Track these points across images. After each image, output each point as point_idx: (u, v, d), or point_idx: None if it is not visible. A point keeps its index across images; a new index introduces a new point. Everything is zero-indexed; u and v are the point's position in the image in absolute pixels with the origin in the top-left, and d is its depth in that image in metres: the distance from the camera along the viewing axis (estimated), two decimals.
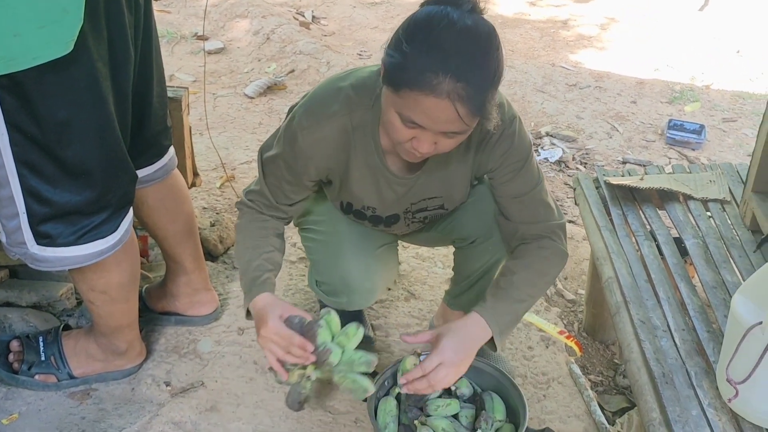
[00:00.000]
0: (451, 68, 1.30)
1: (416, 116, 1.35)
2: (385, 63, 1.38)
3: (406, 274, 2.44)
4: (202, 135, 3.17)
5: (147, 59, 1.72)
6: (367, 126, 1.56)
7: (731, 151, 3.70)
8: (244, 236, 1.69)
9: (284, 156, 1.61)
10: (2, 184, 1.52)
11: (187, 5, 4.98)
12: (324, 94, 1.58)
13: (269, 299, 1.59)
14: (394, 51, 1.36)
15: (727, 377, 1.46)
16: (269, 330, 1.52)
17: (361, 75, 1.58)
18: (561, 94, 4.15)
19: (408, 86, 1.33)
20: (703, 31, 5.16)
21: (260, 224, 1.68)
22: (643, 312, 1.78)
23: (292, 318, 1.55)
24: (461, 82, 1.30)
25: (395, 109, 1.38)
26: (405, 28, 1.37)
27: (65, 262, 1.63)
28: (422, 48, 1.32)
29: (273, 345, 1.53)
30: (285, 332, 1.52)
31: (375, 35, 4.89)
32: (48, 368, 1.89)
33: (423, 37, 1.32)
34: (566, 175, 3.39)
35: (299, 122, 1.56)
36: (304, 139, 1.56)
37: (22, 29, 1.32)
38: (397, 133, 1.41)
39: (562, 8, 5.53)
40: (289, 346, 1.51)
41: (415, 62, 1.32)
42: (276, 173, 1.64)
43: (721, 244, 2.02)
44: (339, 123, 1.55)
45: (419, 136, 1.40)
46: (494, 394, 1.73)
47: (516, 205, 1.66)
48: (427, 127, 1.37)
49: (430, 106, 1.33)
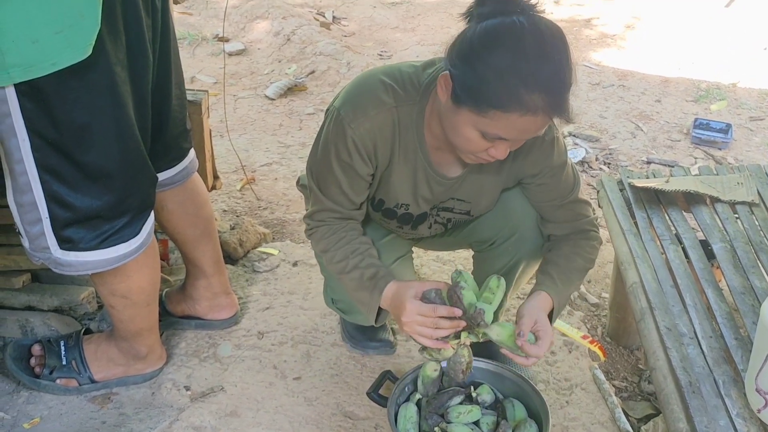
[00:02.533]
0: (540, 82, 1.29)
1: (506, 133, 1.35)
2: (458, 81, 1.35)
3: (426, 278, 2.42)
4: (223, 137, 3.17)
5: (165, 62, 1.71)
6: (413, 121, 1.54)
7: (759, 150, 3.63)
8: (334, 253, 1.63)
9: (336, 157, 1.55)
10: (25, 190, 1.53)
11: (208, 7, 5.00)
12: (367, 87, 1.54)
13: (396, 286, 1.56)
14: (468, 67, 1.33)
15: (756, 387, 1.42)
16: (409, 313, 1.48)
17: (404, 70, 1.55)
18: (584, 93, 4.10)
19: (498, 107, 1.31)
20: (729, 28, 5.08)
21: (345, 233, 1.63)
22: (669, 318, 1.74)
23: (428, 293, 1.50)
24: (552, 95, 1.30)
25: (477, 128, 1.36)
26: (476, 43, 1.33)
27: (88, 266, 1.64)
28: (505, 65, 1.29)
29: (419, 326, 1.48)
30: (425, 308, 1.48)
31: (395, 35, 4.87)
32: (69, 372, 1.90)
33: (502, 52, 1.30)
34: (589, 176, 3.35)
35: (346, 115, 1.52)
36: (354, 131, 1.51)
37: (39, 35, 1.32)
38: (473, 146, 1.41)
39: (585, 7, 5.47)
40: (436, 321, 1.47)
41: (501, 82, 1.29)
42: (333, 181, 1.59)
43: (750, 248, 1.98)
44: (387, 114, 1.52)
45: (498, 145, 1.39)
46: (516, 401, 1.71)
47: (559, 210, 1.68)
48: (516, 139, 1.39)
49: (524, 123, 1.33)
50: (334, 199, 1.61)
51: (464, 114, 1.36)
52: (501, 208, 1.73)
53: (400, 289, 1.53)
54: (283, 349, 2.08)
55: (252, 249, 2.51)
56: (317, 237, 1.66)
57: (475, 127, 1.36)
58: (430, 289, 1.50)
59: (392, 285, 1.56)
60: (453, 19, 5.09)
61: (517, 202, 1.71)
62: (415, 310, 1.47)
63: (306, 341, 2.11)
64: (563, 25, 5.45)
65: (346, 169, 1.56)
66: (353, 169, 1.56)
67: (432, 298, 1.50)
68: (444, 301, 1.50)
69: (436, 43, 4.71)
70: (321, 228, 1.65)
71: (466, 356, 1.56)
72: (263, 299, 2.28)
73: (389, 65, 1.61)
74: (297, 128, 3.70)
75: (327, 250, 1.64)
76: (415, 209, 1.69)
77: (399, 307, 1.51)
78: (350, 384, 1.98)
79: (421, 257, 2.47)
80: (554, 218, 1.70)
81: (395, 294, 1.53)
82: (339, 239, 1.63)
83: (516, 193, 1.71)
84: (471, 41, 1.33)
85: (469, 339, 1.54)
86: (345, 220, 1.65)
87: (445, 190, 1.64)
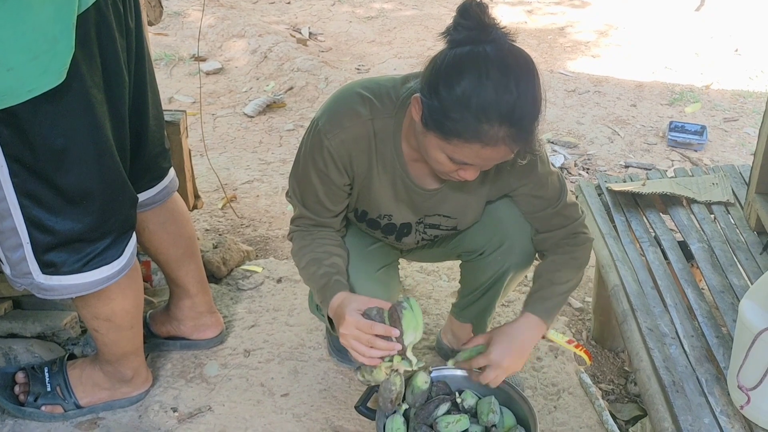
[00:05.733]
0: (503, 115, 1.31)
1: (471, 160, 1.38)
2: (426, 106, 1.37)
3: (410, 289, 2.42)
4: (203, 156, 3.17)
5: (141, 82, 1.71)
6: (389, 134, 1.56)
7: (734, 150, 3.69)
8: (300, 257, 1.66)
9: (313, 166, 1.59)
10: (4, 216, 1.52)
11: (184, 27, 5.00)
12: (345, 99, 1.57)
13: (343, 296, 1.56)
14: (434, 95, 1.35)
15: (738, 384, 1.44)
16: (347, 325, 1.47)
17: (382, 83, 1.58)
18: (560, 101, 4.15)
19: (460, 137, 1.34)
20: (700, 31, 5.16)
21: (311, 240, 1.66)
22: (650, 319, 1.76)
23: (369, 310, 1.49)
24: (514, 127, 1.32)
25: (444, 153, 1.39)
26: (443, 71, 1.34)
27: (72, 290, 1.63)
28: (468, 97, 1.31)
29: (354, 341, 1.47)
30: (364, 323, 1.47)
31: (372, 49, 4.90)
32: (54, 399, 1.88)
33: (464, 83, 1.31)
34: (569, 182, 3.38)
35: (323, 127, 1.55)
36: (330, 141, 1.54)
37: (14, 63, 1.32)
38: (443, 167, 1.44)
39: (559, 15, 5.53)
40: (371, 339, 1.46)
41: (463, 113, 1.31)
42: (310, 189, 1.62)
43: (727, 247, 2.01)
44: (362, 127, 1.54)
45: (467, 168, 1.42)
46: (504, 408, 1.71)
47: (548, 219, 1.69)
48: (480, 165, 1.42)
49: (487, 153, 1.35)
50: (310, 207, 1.65)
51: (432, 138, 1.39)
52: (489, 218, 1.74)
53: (345, 300, 1.55)
54: (270, 367, 2.08)
55: (235, 267, 2.50)
56: (293, 242, 1.71)
57: (443, 151, 1.39)
58: (372, 307, 1.50)
59: (340, 295, 1.57)
60: (428, 31, 5.13)
61: (505, 212, 1.72)
62: (353, 324, 1.48)
63: (293, 357, 2.11)
64: (537, 34, 5.45)
65: (323, 177, 1.59)
66: (329, 178, 1.59)
67: (372, 316, 1.48)
68: (384, 320, 1.49)
69: (413, 55, 4.74)
70: (296, 233, 1.70)
71: (397, 385, 1.55)
72: (248, 317, 2.27)
73: (369, 78, 1.63)
74: (277, 145, 3.71)
75: (296, 255, 1.69)
76: (398, 219, 1.70)
77: (339, 318, 1.52)
78: (338, 398, 1.97)
79: (405, 268, 2.48)
80: (548, 227, 1.71)
81: (340, 304, 1.54)
82: (307, 245, 1.66)
83: (503, 203, 1.72)
84: (438, 70, 1.36)
85: (402, 366, 1.52)
86: (319, 227, 1.68)
87: (425, 201, 1.65)
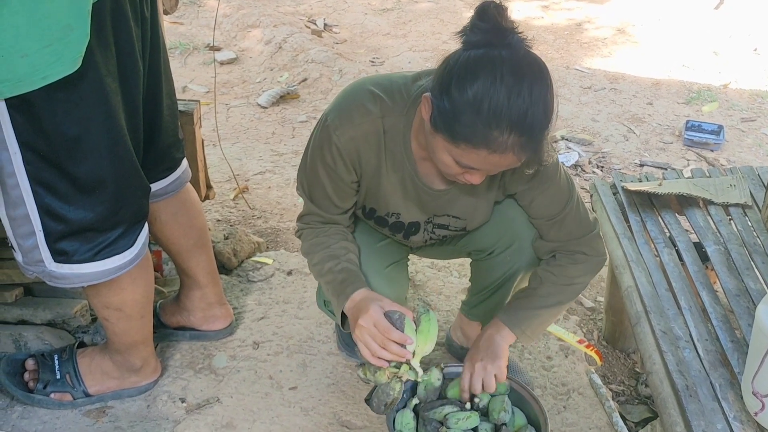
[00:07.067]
0: (513, 122, 1.29)
1: (478, 165, 1.37)
2: (436, 107, 1.35)
3: (421, 285, 2.41)
4: (215, 146, 3.17)
5: (156, 72, 1.71)
6: (399, 132, 1.54)
7: (751, 151, 3.64)
8: (313, 254, 1.65)
9: (321, 161, 1.57)
10: (17, 204, 1.52)
11: (199, 16, 5.00)
12: (356, 96, 1.55)
13: (367, 292, 1.55)
14: (445, 96, 1.33)
15: (753, 390, 1.42)
16: (368, 318, 1.46)
17: (394, 80, 1.56)
18: (576, 97, 4.11)
19: (469, 142, 1.32)
20: (718, 30, 5.10)
21: (325, 237, 1.65)
22: (664, 322, 1.74)
23: (392, 313, 1.48)
24: (524, 135, 1.31)
25: (451, 155, 1.38)
26: (455, 73, 1.32)
27: (83, 279, 1.63)
28: (480, 100, 1.29)
29: (368, 337, 1.47)
30: (384, 324, 1.46)
31: (387, 42, 4.88)
32: (63, 386, 1.88)
33: (476, 87, 1.29)
34: (583, 180, 3.35)
35: (332, 122, 1.53)
36: (338, 138, 1.53)
37: (29, 49, 1.31)
38: (449, 169, 1.43)
39: (576, 11, 5.48)
40: (386, 341, 1.46)
41: (473, 117, 1.30)
42: (318, 184, 1.61)
43: (744, 250, 1.98)
44: (372, 124, 1.53)
45: (473, 172, 1.41)
46: (516, 408, 1.70)
47: (551, 226, 1.66)
48: (486, 171, 1.41)
49: (494, 159, 1.34)
50: (319, 203, 1.63)
51: (439, 140, 1.38)
52: (499, 217, 1.72)
53: (370, 295, 1.54)
54: (278, 359, 2.07)
55: (246, 258, 2.50)
56: (303, 239, 1.69)
57: (449, 153, 1.38)
58: (395, 311, 1.49)
59: (363, 291, 1.56)
60: (444, 24, 5.10)
61: (515, 211, 1.70)
62: (374, 320, 1.47)
63: (302, 351, 2.11)
64: (553, 29, 5.42)
65: (331, 174, 1.58)
66: (337, 174, 1.58)
67: (394, 320, 1.48)
68: (403, 327, 1.48)
69: (428, 48, 4.71)
70: (306, 230, 1.68)
71: (395, 391, 1.54)
72: (258, 309, 2.27)
73: (381, 75, 1.61)
74: (290, 136, 3.70)
75: (308, 252, 1.68)
76: (406, 218, 1.69)
77: (362, 309, 1.50)
78: (347, 393, 1.97)
79: (415, 263, 2.47)
80: (550, 236, 1.67)
81: (363, 299, 1.54)
82: (319, 243, 1.65)
83: (513, 203, 1.70)
84: (451, 71, 1.34)
85: (407, 375, 1.53)
86: (329, 224, 1.66)
87: (434, 200, 1.64)
